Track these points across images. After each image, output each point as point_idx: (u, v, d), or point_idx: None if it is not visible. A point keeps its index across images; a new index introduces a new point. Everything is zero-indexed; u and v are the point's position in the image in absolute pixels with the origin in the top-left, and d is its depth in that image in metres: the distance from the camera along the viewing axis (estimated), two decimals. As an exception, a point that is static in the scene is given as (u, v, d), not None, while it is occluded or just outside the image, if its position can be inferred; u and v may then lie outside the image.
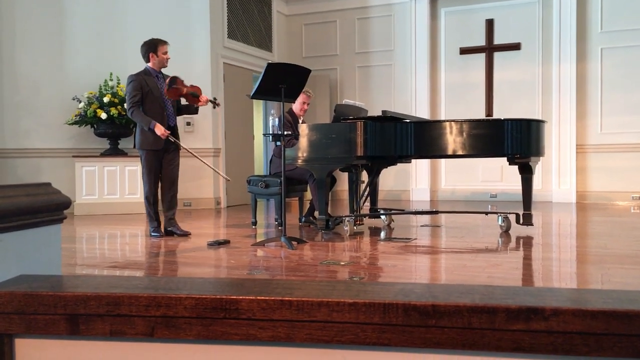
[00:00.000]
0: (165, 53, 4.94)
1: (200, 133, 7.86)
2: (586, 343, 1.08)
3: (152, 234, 5.01)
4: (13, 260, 1.40)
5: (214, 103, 5.06)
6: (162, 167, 4.97)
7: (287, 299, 1.20)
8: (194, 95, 4.90)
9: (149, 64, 4.96)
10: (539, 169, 7.93)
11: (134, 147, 5.00)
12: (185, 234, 5.02)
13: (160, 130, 4.76)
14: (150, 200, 4.98)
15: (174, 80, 4.81)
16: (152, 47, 4.92)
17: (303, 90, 5.73)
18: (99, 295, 1.26)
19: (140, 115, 4.82)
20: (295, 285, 1.31)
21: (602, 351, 1.08)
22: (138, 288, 1.30)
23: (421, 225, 5.69)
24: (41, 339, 1.30)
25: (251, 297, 1.21)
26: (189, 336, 1.24)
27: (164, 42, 4.96)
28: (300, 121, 5.76)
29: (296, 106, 5.81)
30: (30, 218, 1.44)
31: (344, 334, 1.18)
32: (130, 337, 1.27)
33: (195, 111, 5.20)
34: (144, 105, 4.85)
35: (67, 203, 1.56)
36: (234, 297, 1.22)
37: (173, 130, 4.98)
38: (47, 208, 1.49)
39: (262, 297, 1.21)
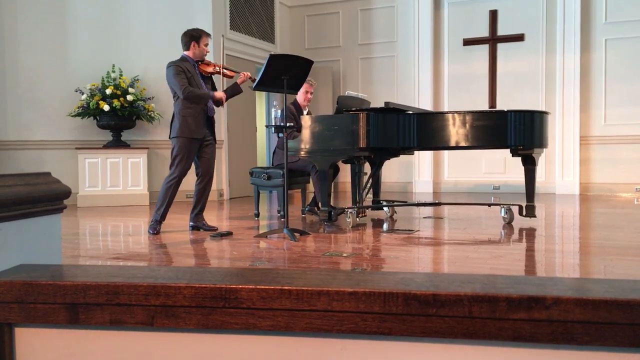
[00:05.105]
0: (207, 45, 4.85)
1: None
2: (587, 332, 1.07)
3: (149, 230, 4.77)
4: (13, 250, 1.40)
5: (252, 79, 4.91)
6: (199, 161, 4.81)
7: (286, 288, 1.19)
8: (231, 69, 4.91)
9: (188, 53, 4.81)
10: (542, 160, 7.94)
11: (169, 137, 4.76)
12: (212, 229, 4.82)
13: (218, 94, 4.77)
14: (170, 189, 4.66)
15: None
16: (195, 37, 4.81)
17: None
18: (98, 284, 1.26)
19: (199, 92, 4.68)
20: (295, 274, 1.31)
21: (603, 340, 1.07)
22: (137, 277, 1.30)
23: (424, 217, 5.68)
24: (41, 328, 1.30)
25: (251, 286, 1.21)
26: (189, 325, 1.24)
27: (208, 35, 4.88)
28: (305, 112, 5.74)
29: (300, 97, 5.78)
30: (29, 207, 1.43)
31: (344, 323, 1.18)
32: (129, 326, 1.26)
33: (237, 89, 4.93)
34: None
35: (67, 192, 1.56)
36: (234, 286, 1.22)
37: (210, 121, 4.83)
38: (46, 197, 1.48)
39: (262, 287, 1.21)
